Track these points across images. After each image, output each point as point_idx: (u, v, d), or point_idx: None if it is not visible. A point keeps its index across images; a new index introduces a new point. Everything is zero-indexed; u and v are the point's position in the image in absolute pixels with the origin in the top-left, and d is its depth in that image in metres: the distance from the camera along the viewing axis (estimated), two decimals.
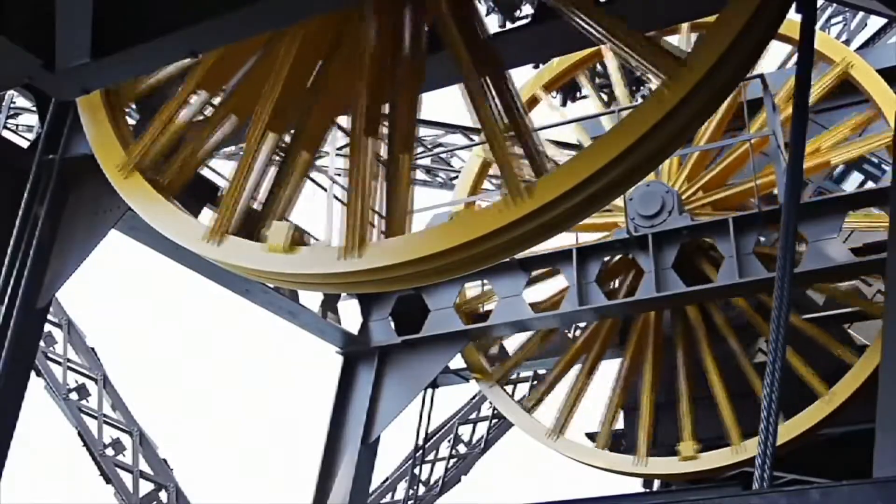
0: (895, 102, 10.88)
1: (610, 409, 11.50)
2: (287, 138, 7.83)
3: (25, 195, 8.54)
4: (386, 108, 7.59)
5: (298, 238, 7.40)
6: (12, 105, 15.86)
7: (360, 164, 7.29)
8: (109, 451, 14.51)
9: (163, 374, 31.58)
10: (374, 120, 7.44)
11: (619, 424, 12.17)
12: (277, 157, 7.77)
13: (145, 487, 14.63)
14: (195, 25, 6.23)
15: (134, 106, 8.79)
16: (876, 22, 15.84)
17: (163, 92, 8.10)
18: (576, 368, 11.77)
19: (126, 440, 14.66)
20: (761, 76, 10.18)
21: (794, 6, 7.15)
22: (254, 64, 7.73)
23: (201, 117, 7.89)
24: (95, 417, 14.54)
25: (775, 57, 14.82)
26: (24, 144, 9.39)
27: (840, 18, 16.50)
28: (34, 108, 11.10)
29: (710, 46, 6.49)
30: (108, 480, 14.40)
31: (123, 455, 14.58)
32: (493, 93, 7.04)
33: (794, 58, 11.53)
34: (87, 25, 6.46)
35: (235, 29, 6.30)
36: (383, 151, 7.57)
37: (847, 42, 15.82)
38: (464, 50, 7.03)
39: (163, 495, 14.67)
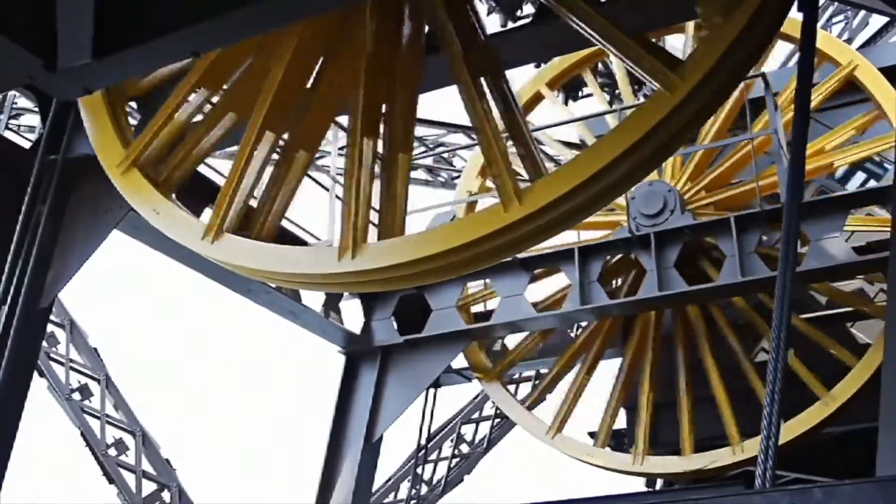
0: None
1: (610, 407, 11.52)
2: (286, 136, 7.87)
3: (27, 196, 8.52)
4: (384, 108, 7.59)
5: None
6: (14, 105, 15.86)
7: (359, 165, 7.29)
8: (112, 452, 14.52)
9: (165, 373, 31.60)
10: (373, 120, 7.43)
11: (622, 423, 12.21)
12: (276, 156, 7.81)
13: (148, 487, 14.64)
14: (196, 25, 6.22)
15: (135, 105, 8.79)
16: (878, 21, 15.84)
17: (164, 91, 8.12)
18: (577, 367, 11.80)
19: (129, 440, 14.66)
20: (763, 75, 10.20)
21: (795, 5, 7.17)
22: (252, 61, 7.73)
23: (201, 115, 7.92)
24: (98, 418, 14.56)
25: (778, 56, 14.82)
26: (26, 145, 9.38)
27: (842, 17, 16.51)
28: (36, 109, 11.09)
29: (712, 45, 6.47)
30: (110, 480, 14.42)
31: (126, 455, 14.59)
32: (490, 94, 6.99)
33: (796, 56, 11.50)
34: (89, 25, 6.46)
35: (237, 28, 6.29)
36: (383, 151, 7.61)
37: (849, 41, 15.81)
38: (459, 51, 7.00)
39: (165, 495, 14.69)
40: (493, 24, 8.38)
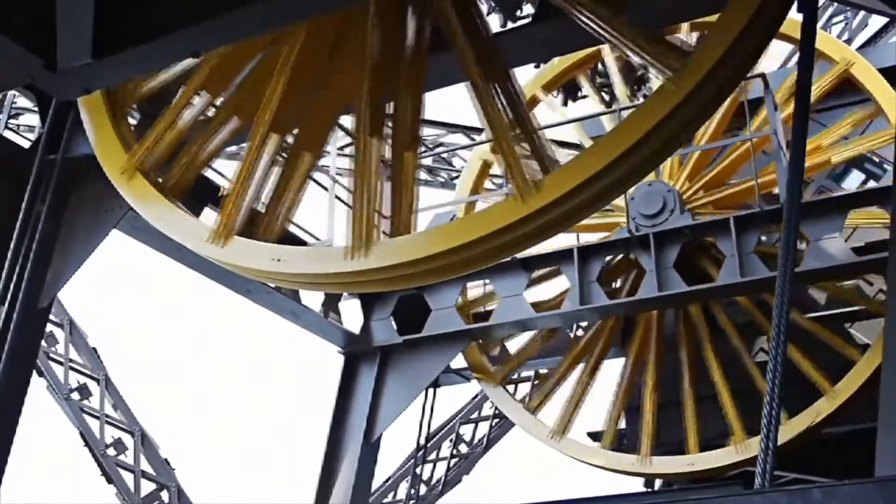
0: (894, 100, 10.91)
1: (616, 408, 11.52)
2: (290, 139, 7.88)
3: (27, 195, 8.53)
4: (390, 108, 7.63)
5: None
6: (13, 105, 15.85)
7: (366, 164, 7.31)
8: (111, 451, 14.50)
9: (166, 373, 31.61)
10: (378, 120, 7.46)
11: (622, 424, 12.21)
12: (280, 158, 7.82)
13: (147, 487, 14.62)
14: (196, 25, 6.22)
15: (135, 106, 8.79)
16: (877, 21, 15.84)
17: (165, 94, 8.13)
18: (578, 369, 11.78)
19: (127, 440, 14.65)
20: (762, 75, 10.20)
21: (795, 5, 7.19)
22: (256, 65, 7.76)
23: (204, 118, 7.92)
24: (97, 417, 14.55)
25: (776, 56, 14.82)
26: (26, 145, 9.38)
27: (841, 18, 16.49)
28: (35, 109, 11.10)
29: (713, 45, 6.53)
30: (109, 480, 14.42)
31: (125, 455, 14.58)
32: (499, 92, 7.03)
33: (795, 57, 11.51)
34: (89, 25, 6.47)
35: (236, 28, 6.29)
36: (388, 151, 7.61)
37: (849, 41, 15.83)
38: (470, 50, 7.03)
39: (164, 495, 14.66)
40: (493, 24, 8.47)
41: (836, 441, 10.79)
